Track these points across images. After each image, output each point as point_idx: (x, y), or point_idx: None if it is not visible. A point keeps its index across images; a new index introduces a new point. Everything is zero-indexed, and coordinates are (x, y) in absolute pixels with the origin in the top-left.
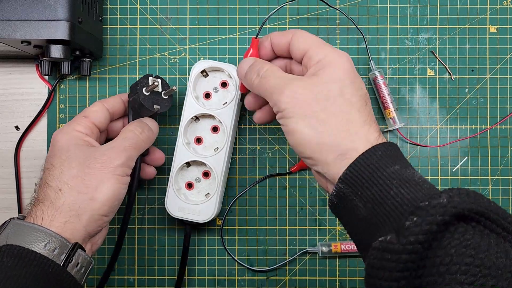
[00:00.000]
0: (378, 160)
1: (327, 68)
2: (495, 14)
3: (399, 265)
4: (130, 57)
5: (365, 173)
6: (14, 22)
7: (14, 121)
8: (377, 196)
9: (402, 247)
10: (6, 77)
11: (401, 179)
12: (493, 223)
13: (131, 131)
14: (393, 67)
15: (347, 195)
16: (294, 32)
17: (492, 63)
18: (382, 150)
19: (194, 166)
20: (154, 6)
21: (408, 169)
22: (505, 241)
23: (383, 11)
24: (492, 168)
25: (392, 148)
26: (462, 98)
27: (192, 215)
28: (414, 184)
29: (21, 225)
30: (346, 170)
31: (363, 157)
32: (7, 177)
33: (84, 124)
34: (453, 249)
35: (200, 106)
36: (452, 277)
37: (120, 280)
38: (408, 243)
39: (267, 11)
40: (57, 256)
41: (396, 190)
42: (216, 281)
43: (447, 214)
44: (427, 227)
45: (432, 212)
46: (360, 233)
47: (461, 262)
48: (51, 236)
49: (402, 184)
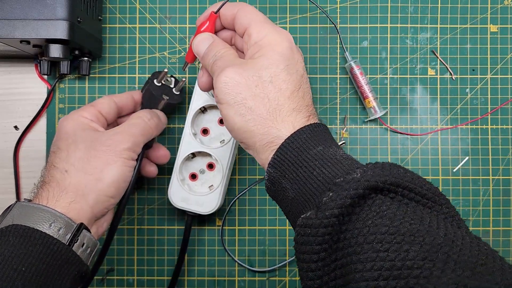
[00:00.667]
0: (303, 143)
1: (263, 51)
2: (496, 13)
3: (317, 239)
4: (129, 56)
5: (291, 156)
6: (13, 21)
7: (13, 121)
8: (301, 177)
9: (320, 221)
10: (5, 76)
11: (323, 159)
12: (411, 192)
13: (140, 117)
14: (394, 67)
15: (277, 178)
16: (240, 5)
17: (493, 62)
18: (307, 133)
19: (199, 157)
20: (153, 6)
21: (332, 148)
22: (425, 208)
23: (384, 11)
24: (493, 168)
25: (318, 129)
26: (463, 98)
27: (195, 206)
28: (336, 162)
29: (26, 206)
30: (273, 155)
31: (289, 141)
32: (6, 177)
33: (89, 111)
34: (370, 221)
35: (208, 97)
36: (369, 245)
37: (119, 280)
38: (324, 217)
39: (267, 11)
40: (62, 236)
41: (318, 170)
42: (216, 282)
43: (361, 188)
44: (341, 201)
45: (346, 187)
46: (291, 213)
47: (377, 232)
48: (56, 216)
49: (324, 163)
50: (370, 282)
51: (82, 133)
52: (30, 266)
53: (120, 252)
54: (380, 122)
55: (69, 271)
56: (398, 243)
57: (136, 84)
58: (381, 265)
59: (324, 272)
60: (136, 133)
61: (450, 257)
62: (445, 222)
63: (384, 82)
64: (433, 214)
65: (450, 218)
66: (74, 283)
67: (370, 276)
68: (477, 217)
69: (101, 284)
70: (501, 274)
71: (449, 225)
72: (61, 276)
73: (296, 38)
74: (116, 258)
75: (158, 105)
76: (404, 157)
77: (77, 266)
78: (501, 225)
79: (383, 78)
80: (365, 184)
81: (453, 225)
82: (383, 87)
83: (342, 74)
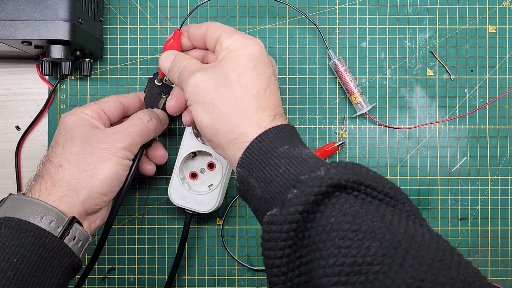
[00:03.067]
0: (270, 143)
1: (232, 54)
2: (494, 14)
3: (282, 235)
4: (130, 57)
5: (258, 155)
6: (15, 22)
7: (14, 121)
8: (268, 175)
9: (284, 218)
10: (6, 77)
11: (289, 157)
12: (374, 190)
13: (139, 118)
14: (393, 67)
15: (245, 177)
16: (208, 23)
17: (491, 63)
18: (274, 133)
19: (199, 156)
20: (154, 7)
21: (297, 147)
22: (388, 206)
23: (383, 12)
24: (491, 168)
25: (285, 130)
26: (461, 98)
27: (194, 204)
28: (301, 160)
29: (18, 199)
30: (242, 155)
31: (256, 141)
32: (7, 177)
33: (92, 108)
34: (333, 218)
35: None
36: (332, 242)
37: (120, 279)
38: (288, 214)
39: (267, 12)
40: (54, 228)
41: (284, 168)
42: (216, 281)
43: (324, 185)
44: (305, 198)
45: (310, 184)
46: (260, 211)
47: (339, 229)
48: (47, 209)
49: (290, 162)
50: (332, 278)
51: (81, 129)
52: (21, 257)
53: (121, 251)
54: (368, 117)
55: (61, 263)
56: (359, 239)
57: (137, 84)
58: (342, 261)
59: (289, 269)
60: (134, 133)
61: (409, 253)
62: (406, 220)
63: (383, 82)
64: (395, 212)
65: (412, 216)
66: (66, 275)
67: (331, 272)
68: (475, 217)
69: (102, 283)
70: (458, 270)
71: (410, 222)
72: (52, 268)
73: (295, 38)
74: (117, 257)
75: (159, 104)
76: (403, 157)
77: (69, 259)
78: (499, 224)
79: (382, 78)
80: (328, 181)
81: (415, 223)
82: (382, 87)
83: None
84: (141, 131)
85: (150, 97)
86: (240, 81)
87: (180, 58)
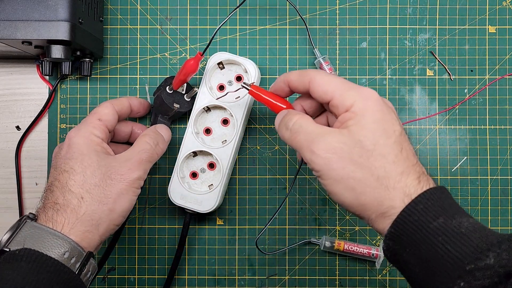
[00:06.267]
0: (421, 216)
1: (358, 119)
2: (494, 14)
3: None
4: (130, 57)
5: (409, 230)
6: (15, 22)
7: (15, 121)
8: (424, 253)
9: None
10: (7, 77)
11: (447, 234)
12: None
13: (147, 143)
14: (393, 68)
15: (397, 251)
16: (311, 76)
17: (491, 63)
18: (424, 203)
19: (200, 156)
20: (154, 7)
21: (455, 219)
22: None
23: (383, 12)
24: (491, 168)
25: (435, 195)
26: (461, 98)
27: (194, 204)
28: (461, 237)
29: (39, 228)
30: (389, 228)
31: (405, 214)
32: (8, 177)
33: (100, 128)
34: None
35: (213, 97)
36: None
37: (120, 279)
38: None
39: (267, 12)
40: (73, 264)
41: (443, 248)
42: (216, 281)
43: (495, 276)
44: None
45: (479, 276)
46: (417, 285)
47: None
48: (71, 245)
49: (449, 239)
50: None
51: (97, 157)
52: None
53: (121, 251)
54: None
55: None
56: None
57: (137, 84)
58: None
59: None
60: (145, 160)
61: None
62: None
63: (383, 83)
64: None
65: None
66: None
67: None
68: (475, 217)
69: (103, 283)
70: None
71: None
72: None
73: (294, 39)
74: (117, 257)
75: (169, 112)
76: None
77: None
78: (499, 224)
79: (382, 79)
80: (500, 271)
81: None
82: (382, 87)
83: None
84: (150, 157)
85: (160, 104)
86: (376, 149)
87: (290, 114)
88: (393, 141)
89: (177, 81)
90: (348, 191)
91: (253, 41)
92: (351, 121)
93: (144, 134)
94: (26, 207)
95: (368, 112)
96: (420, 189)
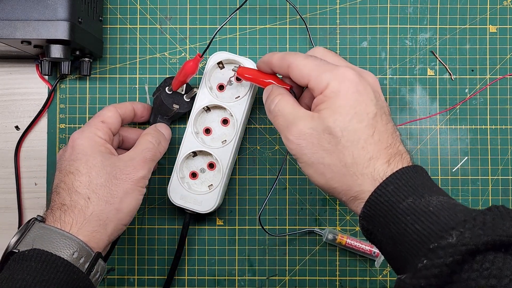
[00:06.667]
0: (391, 196)
1: (329, 103)
2: (495, 14)
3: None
4: (130, 57)
5: (380, 211)
6: (14, 22)
7: (14, 121)
8: (395, 233)
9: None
10: (6, 77)
11: (415, 213)
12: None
13: (150, 142)
14: (393, 67)
15: (371, 230)
16: (290, 61)
17: (492, 63)
18: (394, 184)
19: (200, 156)
20: (154, 6)
21: (424, 197)
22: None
23: (383, 11)
24: (492, 168)
25: (406, 175)
26: (462, 98)
27: (193, 204)
28: (429, 215)
29: (47, 229)
30: (362, 209)
31: (374, 198)
32: (7, 177)
33: (103, 130)
34: (473, 282)
35: (213, 97)
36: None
37: (120, 280)
38: (419, 286)
39: (267, 11)
40: (82, 264)
41: (412, 227)
42: (216, 281)
43: (457, 254)
44: (436, 271)
45: (441, 254)
46: (391, 264)
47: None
48: (79, 245)
49: (417, 218)
50: None
51: (101, 157)
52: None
53: (121, 252)
54: None
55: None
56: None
57: (137, 84)
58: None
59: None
60: (148, 159)
61: None
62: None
63: (383, 82)
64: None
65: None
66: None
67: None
68: None
69: (102, 283)
70: None
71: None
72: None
73: (295, 38)
74: (116, 258)
75: (169, 113)
76: None
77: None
78: None
79: (383, 78)
80: (463, 249)
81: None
82: (383, 87)
83: None
84: (154, 156)
85: (160, 104)
86: (345, 135)
87: (273, 93)
88: (365, 125)
89: (176, 82)
90: (319, 175)
91: (253, 41)
92: (322, 105)
93: (146, 133)
94: (25, 207)
95: (341, 95)
96: (390, 171)
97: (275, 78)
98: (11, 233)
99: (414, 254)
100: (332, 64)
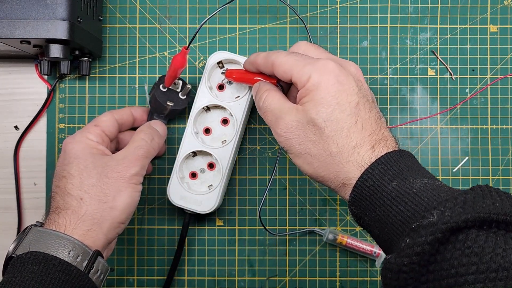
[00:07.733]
0: (376, 180)
1: (309, 96)
2: (496, 13)
3: (398, 282)
4: (129, 56)
5: (367, 195)
6: (14, 21)
7: (13, 121)
8: (381, 216)
9: (398, 268)
10: (5, 76)
11: (400, 195)
12: (501, 223)
13: (142, 139)
14: (394, 67)
15: (360, 215)
16: (272, 59)
17: (493, 62)
18: (379, 168)
19: (200, 156)
20: (153, 6)
21: (408, 180)
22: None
23: (384, 11)
24: (493, 168)
25: (391, 160)
26: (462, 98)
27: (193, 205)
28: (413, 197)
29: (43, 232)
30: (350, 195)
31: (360, 183)
32: (6, 177)
33: (95, 132)
34: (455, 261)
35: (212, 97)
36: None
37: (119, 280)
38: (402, 264)
39: (267, 11)
40: (80, 263)
41: (396, 209)
42: (216, 282)
43: (438, 232)
44: (418, 249)
45: (422, 233)
46: (380, 245)
47: (465, 273)
48: (74, 244)
49: (401, 200)
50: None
51: (92, 158)
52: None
53: (120, 252)
54: None
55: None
56: (491, 281)
57: (137, 84)
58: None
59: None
60: (141, 156)
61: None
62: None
63: (384, 82)
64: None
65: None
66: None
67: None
68: None
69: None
70: None
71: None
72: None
73: (295, 37)
74: (116, 258)
75: (164, 111)
76: None
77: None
78: None
79: (383, 78)
80: (443, 227)
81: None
82: (383, 87)
83: None
84: (147, 153)
85: (155, 103)
86: (328, 126)
87: (260, 90)
88: (347, 114)
89: (167, 78)
90: (307, 165)
91: (253, 40)
92: (306, 98)
93: (139, 131)
94: (24, 207)
95: (322, 87)
96: (374, 157)
97: (262, 75)
98: (11, 233)
99: (399, 235)
100: (313, 58)
